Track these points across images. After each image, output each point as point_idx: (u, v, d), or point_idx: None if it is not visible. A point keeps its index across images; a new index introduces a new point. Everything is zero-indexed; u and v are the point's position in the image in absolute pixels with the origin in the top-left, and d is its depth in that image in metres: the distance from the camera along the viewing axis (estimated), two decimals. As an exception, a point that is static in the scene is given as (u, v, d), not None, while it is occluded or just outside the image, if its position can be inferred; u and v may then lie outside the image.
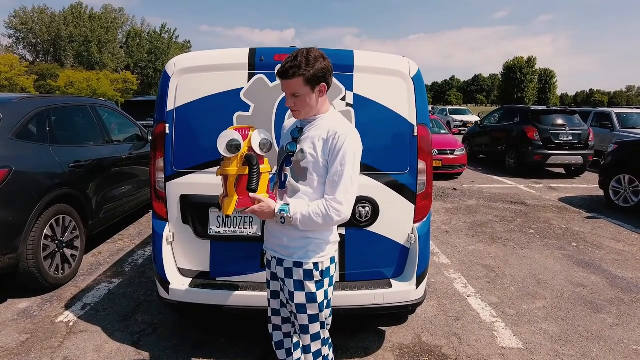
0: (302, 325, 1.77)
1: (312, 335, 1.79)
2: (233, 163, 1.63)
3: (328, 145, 1.62)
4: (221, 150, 1.62)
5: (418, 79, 2.48)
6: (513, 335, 2.99)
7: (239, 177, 1.63)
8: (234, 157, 1.63)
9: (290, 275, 1.72)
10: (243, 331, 2.93)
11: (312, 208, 1.62)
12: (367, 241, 2.50)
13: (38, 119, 3.77)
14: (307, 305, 1.73)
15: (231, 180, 1.64)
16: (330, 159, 1.62)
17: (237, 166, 1.63)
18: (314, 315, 1.76)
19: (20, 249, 3.24)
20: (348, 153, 1.60)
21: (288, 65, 1.58)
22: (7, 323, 3.05)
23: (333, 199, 1.60)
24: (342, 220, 1.64)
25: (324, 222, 1.62)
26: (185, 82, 2.45)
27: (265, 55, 2.40)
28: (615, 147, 7.12)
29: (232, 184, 1.64)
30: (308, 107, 1.65)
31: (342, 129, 1.63)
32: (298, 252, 1.70)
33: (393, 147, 2.47)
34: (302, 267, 1.70)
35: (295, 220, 1.62)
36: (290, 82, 1.59)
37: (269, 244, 1.83)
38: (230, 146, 1.61)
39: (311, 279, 1.71)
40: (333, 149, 1.61)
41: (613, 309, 3.43)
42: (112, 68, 47.38)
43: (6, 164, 3.19)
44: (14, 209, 3.20)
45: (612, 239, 5.30)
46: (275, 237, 1.76)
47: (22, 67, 30.10)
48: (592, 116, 12.03)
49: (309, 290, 1.71)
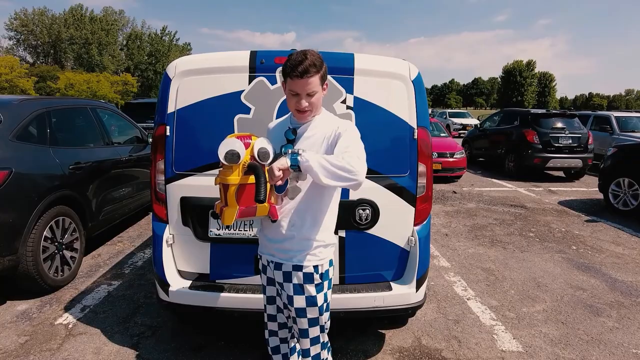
0: (302, 330, 1.76)
1: (311, 339, 1.78)
2: (234, 172, 1.56)
3: (332, 143, 1.64)
4: (221, 159, 1.56)
5: (418, 81, 2.49)
6: (513, 339, 2.98)
7: (240, 187, 1.57)
8: (235, 166, 1.56)
9: (289, 279, 1.71)
10: (242, 334, 2.92)
11: (328, 157, 1.52)
12: (367, 244, 2.50)
13: (38, 120, 3.77)
14: (307, 309, 1.72)
15: (232, 189, 1.57)
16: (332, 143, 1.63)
17: (238, 175, 1.56)
18: (314, 319, 1.75)
19: (19, 251, 3.23)
20: (352, 134, 1.63)
21: (307, 63, 1.56)
22: (6, 325, 3.04)
23: (346, 155, 1.52)
24: (355, 180, 1.50)
25: (342, 172, 1.48)
26: (186, 85, 2.45)
27: (266, 58, 2.41)
28: (615, 151, 7.13)
29: (232, 194, 1.57)
30: (317, 106, 1.68)
31: (342, 124, 1.69)
32: (297, 255, 1.69)
33: (393, 150, 2.47)
34: (302, 270, 1.69)
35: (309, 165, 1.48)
36: (310, 81, 1.59)
37: (265, 249, 1.80)
38: (231, 155, 1.54)
39: (311, 282, 1.70)
40: (335, 134, 1.64)
41: (613, 312, 3.43)
42: (112, 70, 47.45)
43: (6, 165, 3.19)
44: (14, 210, 3.20)
45: (611, 242, 5.30)
46: (274, 241, 1.74)
47: (22, 69, 30.09)
48: (591, 119, 12.06)
49: (309, 293, 1.70)
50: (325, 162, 1.49)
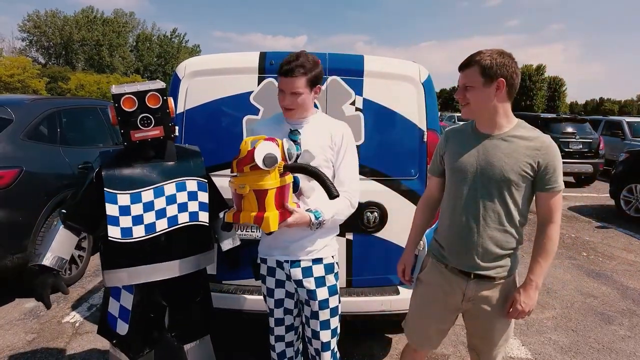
0: (323, 321, 1.79)
1: (332, 331, 1.82)
2: (271, 175, 1.51)
3: (335, 144, 1.73)
4: (259, 164, 1.48)
5: (428, 84, 2.47)
6: (522, 345, 2.94)
7: (278, 189, 1.53)
8: (272, 169, 1.51)
9: (309, 274, 1.75)
10: (242, 336, 2.91)
11: (338, 204, 1.68)
12: (375, 247, 2.48)
13: (49, 120, 3.81)
14: (329, 299, 1.79)
15: (271, 193, 1.51)
16: (338, 155, 1.74)
17: (276, 178, 1.53)
18: (335, 308, 1.82)
19: (28, 249, 3.26)
20: (350, 145, 1.76)
21: (294, 64, 1.62)
22: (14, 322, 3.06)
23: (349, 189, 1.74)
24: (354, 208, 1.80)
25: (347, 213, 1.77)
26: (195, 85, 2.45)
27: (275, 59, 2.40)
28: (627, 156, 7.03)
29: (272, 198, 1.52)
30: (304, 107, 1.71)
31: (341, 126, 1.78)
32: (319, 249, 1.76)
33: (402, 153, 2.45)
34: (323, 263, 1.77)
35: (328, 221, 1.68)
36: (294, 81, 1.63)
37: (276, 251, 1.78)
38: (269, 159, 1.48)
39: (331, 272, 1.80)
40: (340, 146, 1.73)
41: (625, 320, 3.37)
42: (122, 71, 47.90)
43: (17, 164, 3.22)
44: (24, 209, 3.23)
45: (623, 249, 5.21)
46: (289, 240, 1.74)
47: (34, 70, 30.54)
48: (602, 125, 11.92)
49: (330, 283, 1.79)
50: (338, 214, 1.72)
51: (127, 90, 1.64)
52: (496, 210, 1.57)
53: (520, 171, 1.52)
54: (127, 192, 1.65)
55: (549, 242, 1.59)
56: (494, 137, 1.58)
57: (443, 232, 1.73)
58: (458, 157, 1.63)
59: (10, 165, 3.18)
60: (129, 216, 1.64)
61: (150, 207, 1.68)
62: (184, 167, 1.80)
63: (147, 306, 1.78)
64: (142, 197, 1.67)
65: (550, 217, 1.59)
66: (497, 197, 1.56)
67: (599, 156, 9.62)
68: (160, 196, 1.70)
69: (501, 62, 1.49)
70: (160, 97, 1.68)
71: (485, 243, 1.58)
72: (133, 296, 1.74)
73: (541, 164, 1.52)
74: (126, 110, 1.64)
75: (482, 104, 1.54)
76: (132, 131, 1.66)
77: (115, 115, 1.65)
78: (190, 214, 1.76)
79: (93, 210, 1.69)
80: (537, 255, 1.62)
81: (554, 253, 1.61)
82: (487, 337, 1.73)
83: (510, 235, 1.60)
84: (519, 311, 1.60)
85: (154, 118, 1.68)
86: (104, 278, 1.72)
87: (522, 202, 1.58)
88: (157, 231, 1.68)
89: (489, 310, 1.66)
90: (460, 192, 1.62)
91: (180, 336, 1.88)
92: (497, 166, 1.54)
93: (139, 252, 1.67)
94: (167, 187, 1.72)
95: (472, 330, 1.80)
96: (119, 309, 1.77)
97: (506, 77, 1.50)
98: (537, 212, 1.62)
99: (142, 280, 1.70)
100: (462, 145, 1.64)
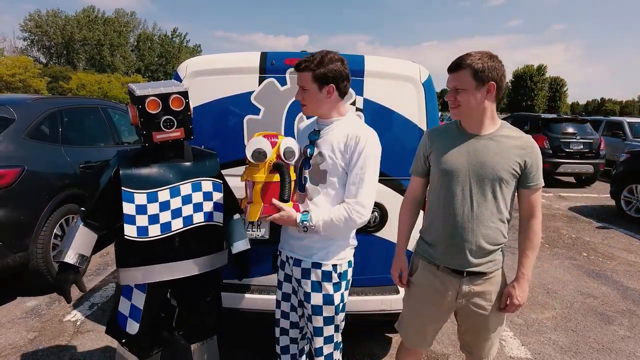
0: (316, 328, 1.77)
1: (325, 338, 1.79)
2: (260, 170, 1.61)
3: (348, 149, 1.65)
4: (248, 157, 1.61)
5: (429, 84, 2.47)
6: (521, 345, 2.94)
7: (265, 185, 1.62)
8: (261, 164, 1.61)
9: (307, 276, 1.74)
10: (242, 337, 2.92)
11: (333, 213, 1.64)
12: (375, 247, 2.49)
13: (50, 119, 3.82)
14: (323, 306, 1.74)
15: (257, 187, 1.62)
16: (350, 162, 1.65)
17: (264, 173, 1.62)
18: (329, 318, 1.77)
19: (30, 248, 3.27)
20: (369, 157, 1.64)
21: (303, 59, 1.66)
22: (16, 321, 3.07)
23: (356, 202, 1.63)
24: (363, 224, 1.68)
25: (346, 226, 1.65)
26: (196, 85, 2.46)
27: (276, 60, 2.41)
28: (628, 157, 7.03)
29: (258, 191, 1.62)
30: (315, 104, 1.70)
31: (363, 133, 1.66)
32: (318, 253, 1.72)
33: (402, 153, 2.45)
34: (321, 268, 1.72)
35: (318, 227, 1.64)
36: (300, 75, 1.68)
37: (287, 245, 1.83)
38: (258, 153, 1.59)
39: (329, 281, 1.73)
40: (354, 152, 1.64)
41: (625, 320, 3.37)
42: (123, 71, 47.94)
43: (19, 163, 3.23)
44: (26, 208, 3.24)
45: (623, 250, 5.22)
46: (295, 238, 1.76)
47: (36, 69, 30.54)
48: (603, 125, 11.92)
49: (326, 291, 1.73)
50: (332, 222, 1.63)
51: (152, 92, 1.65)
52: (488, 208, 1.60)
53: (510, 169, 1.57)
54: (143, 192, 1.67)
55: (535, 236, 1.66)
56: (482, 137, 1.61)
57: (434, 232, 1.73)
58: (447, 157, 1.64)
59: (12, 165, 3.19)
60: (145, 215, 1.66)
61: (166, 206, 1.70)
62: (200, 168, 1.82)
63: (159, 305, 1.79)
64: (159, 196, 1.69)
65: (533, 212, 1.66)
66: (489, 195, 1.59)
67: (600, 156, 9.61)
68: (176, 196, 1.72)
69: (492, 66, 1.52)
70: (184, 99, 1.70)
71: (478, 241, 1.61)
72: (145, 295, 1.75)
73: (527, 163, 1.59)
74: (150, 112, 1.65)
75: (473, 106, 1.57)
76: (155, 132, 1.68)
77: (137, 115, 1.66)
78: (205, 214, 1.78)
79: (111, 209, 1.71)
80: (525, 249, 1.68)
81: (539, 246, 1.69)
82: (481, 332, 1.76)
83: (500, 231, 1.64)
84: (515, 305, 1.65)
85: (176, 120, 1.70)
86: (118, 276, 1.74)
87: (510, 199, 1.64)
88: (172, 230, 1.70)
89: (483, 304, 1.69)
90: (451, 192, 1.63)
91: (188, 335, 1.89)
92: (489, 165, 1.57)
93: (154, 251, 1.69)
94: (183, 187, 1.74)
95: (466, 326, 1.81)
96: (130, 308, 1.78)
97: (496, 81, 1.54)
98: (520, 209, 1.68)
99: (157, 279, 1.71)
100: (449, 145, 1.66)
